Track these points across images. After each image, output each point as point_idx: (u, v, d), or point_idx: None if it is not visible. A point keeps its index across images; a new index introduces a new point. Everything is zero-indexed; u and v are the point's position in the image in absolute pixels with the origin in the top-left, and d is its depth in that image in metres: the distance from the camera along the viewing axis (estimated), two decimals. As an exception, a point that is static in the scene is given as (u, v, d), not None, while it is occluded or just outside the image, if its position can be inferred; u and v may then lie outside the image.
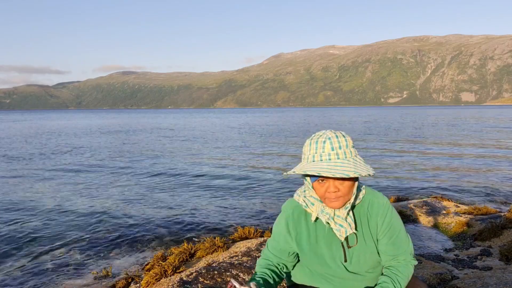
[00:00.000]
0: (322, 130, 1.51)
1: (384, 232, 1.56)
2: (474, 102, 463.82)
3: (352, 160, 1.43)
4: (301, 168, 1.45)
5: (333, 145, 1.42)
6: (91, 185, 8.79)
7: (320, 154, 1.43)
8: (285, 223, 1.63)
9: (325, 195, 1.48)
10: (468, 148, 15.28)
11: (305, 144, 1.50)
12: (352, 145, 1.47)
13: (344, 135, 1.46)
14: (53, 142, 20.73)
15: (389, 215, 1.57)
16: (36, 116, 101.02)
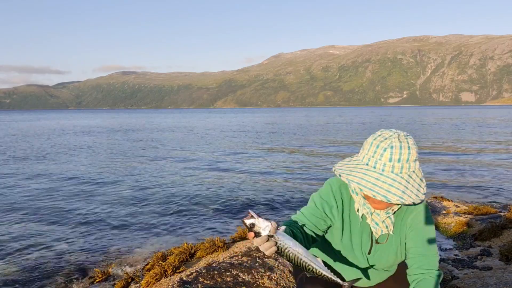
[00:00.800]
0: (390, 130, 1.41)
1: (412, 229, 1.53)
2: (474, 102, 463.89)
3: (406, 177, 1.35)
4: (348, 174, 1.39)
5: (393, 156, 1.34)
6: (91, 185, 8.78)
7: (376, 161, 1.36)
8: (332, 194, 1.59)
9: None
10: (468, 148, 15.27)
11: (368, 139, 1.43)
12: (415, 158, 1.37)
13: (409, 146, 1.35)
14: (52, 142, 20.74)
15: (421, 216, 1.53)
16: (35, 116, 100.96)
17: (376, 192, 1.31)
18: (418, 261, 1.49)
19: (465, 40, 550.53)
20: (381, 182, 1.33)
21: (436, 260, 1.50)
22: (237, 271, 2.73)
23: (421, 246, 1.51)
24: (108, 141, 21.62)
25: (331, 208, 1.57)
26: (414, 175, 1.37)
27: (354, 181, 1.35)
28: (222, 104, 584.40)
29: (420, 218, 1.53)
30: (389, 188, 1.32)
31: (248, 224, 1.21)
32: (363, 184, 1.33)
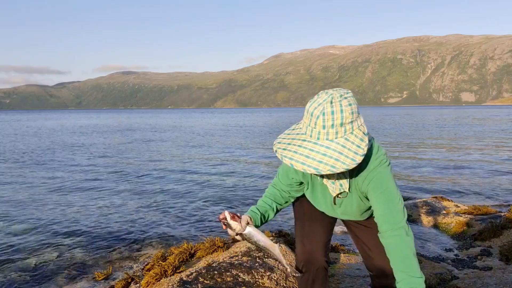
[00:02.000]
0: (326, 93, 1.39)
1: (374, 195, 1.53)
2: (474, 102, 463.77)
3: (342, 142, 1.34)
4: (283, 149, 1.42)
5: (326, 123, 1.33)
6: (90, 185, 8.78)
7: (311, 129, 1.37)
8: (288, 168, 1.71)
9: None
10: (468, 148, 15.27)
11: (308, 102, 1.42)
12: (351, 119, 1.35)
13: (342, 109, 1.33)
14: (51, 141, 20.74)
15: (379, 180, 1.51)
16: (35, 116, 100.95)
17: (307, 165, 1.33)
18: (382, 221, 1.52)
19: (465, 40, 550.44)
20: (314, 153, 1.34)
21: (400, 216, 1.50)
22: (237, 271, 2.74)
23: (383, 206, 1.51)
24: (108, 140, 21.63)
25: (295, 171, 1.69)
26: (353, 136, 1.35)
27: (287, 157, 1.38)
28: (222, 104, 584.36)
29: (376, 179, 1.51)
30: (322, 158, 1.33)
31: (222, 223, 1.62)
32: (295, 159, 1.36)
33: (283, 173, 1.76)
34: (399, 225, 1.49)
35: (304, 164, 1.33)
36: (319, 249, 1.82)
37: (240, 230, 1.58)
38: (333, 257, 3.47)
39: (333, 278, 3.00)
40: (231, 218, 1.58)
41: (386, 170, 1.53)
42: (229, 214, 1.59)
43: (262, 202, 1.80)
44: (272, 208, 1.79)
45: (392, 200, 1.51)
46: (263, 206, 1.78)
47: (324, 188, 1.68)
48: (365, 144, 1.36)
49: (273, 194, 1.81)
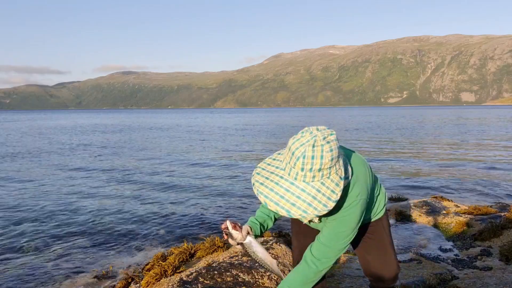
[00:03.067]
0: (310, 133, 1.38)
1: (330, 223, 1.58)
2: (474, 102, 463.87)
3: (318, 186, 1.36)
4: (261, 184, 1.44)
5: (305, 166, 1.34)
6: (89, 185, 8.78)
7: (290, 168, 1.38)
8: None
9: None
10: (468, 148, 15.28)
11: (289, 140, 1.42)
12: (330, 165, 1.36)
13: (322, 155, 1.34)
14: (50, 140, 20.74)
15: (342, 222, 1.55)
16: (35, 116, 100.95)
17: (281, 207, 1.36)
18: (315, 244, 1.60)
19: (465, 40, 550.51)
20: (289, 194, 1.36)
21: (329, 254, 1.55)
22: (237, 271, 2.75)
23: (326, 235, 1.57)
24: (108, 139, 21.63)
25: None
26: (329, 181, 1.37)
27: (262, 194, 1.40)
28: (222, 104, 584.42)
29: (340, 220, 1.55)
30: (295, 201, 1.35)
31: (224, 233, 1.68)
32: (270, 197, 1.38)
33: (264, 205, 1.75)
34: (320, 259, 1.55)
35: (277, 204, 1.36)
36: None
37: (241, 239, 1.65)
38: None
39: (333, 278, 2.99)
40: (232, 227, 1.64)
41: (355, 211, 1.54)
42: (231, 224, 1.64)
43: (260, 212, 1.85)
44: (270, 218, 1.84)
45: (335, 239, 1.55)
46: (261, 216, 1.83)
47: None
48: (339, 189, 1.38)
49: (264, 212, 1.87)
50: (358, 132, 25.74)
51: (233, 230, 1.64)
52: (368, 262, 1.86)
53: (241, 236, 1.64)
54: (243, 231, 1.66)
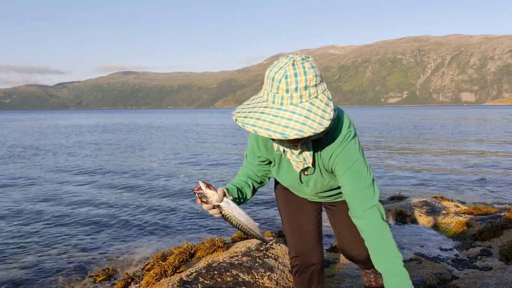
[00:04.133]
0: (286, 57, 1.29)
1: (341, 172, 1.47)
2: (474, 102, 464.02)
3: (308, 106, 1.25)
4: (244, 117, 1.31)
5: (289, 87, 1.23)
6: (89, 185, 8.78)
7: (274, 95, 1.27)
8: (254, 137, 1.64)
9: None
10: (468, 148, 15.28)
11: (265, 73, 1.31)
12: (315, 82, 1.26)
13: (305, 71, 1.24)
14: (49, 140, 20.73)
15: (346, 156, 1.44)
16: (34, 116, 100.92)
17: (273, 131, 1.23)
18: (352, 201, 1.47)
19: (465, 40, 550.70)
20: (279, 118, 1.25)
21: (370, 194, 1.45)
22: (237, 271, 2.74)
23: (352, 185, 1.45)
24: (109, 138, 21.62)
25: (259, 149, 1.63)
26: (318, 101, 1.27)
27: (249, 124, 1.28)
28: (222, 104, 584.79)
29: (343, 155, 1.44)
30: (287, 123, 1.23)
31: (197, 195, 1.44)
32: (259, 125, 1.25)
33: (251, 153, 1.69)
34: (370, 204, 1.44)
35: (268, 130, 1.24)
36: (314, 249, 1.79)
37: (218, 200, 1.44)
38: (333, 257, 3.45)
39: (333, 278, 2.98)
40: (206, 187, 1.44)
41: (353, 143, 1.46)
42: (204, 184, 1.45)
43: (236, 180, 1.72)
44: (248, 185, 1.69)
45: (361, 177, 1.45)
46: (238, 182, 1.69)
47: (289, 166, 1.61)
48: (330, 109, 1.28)
49: (245, 174, 1.73)
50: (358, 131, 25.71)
51: (207, 190, 1.44)
52: (341, 236, 1.85)
53: (217, 196, 1.44)
54: (219, 192, 1.46)
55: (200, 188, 1.43)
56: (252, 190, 1.70)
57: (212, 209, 1.45)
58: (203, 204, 1.44)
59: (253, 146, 1.65)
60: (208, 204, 1.43)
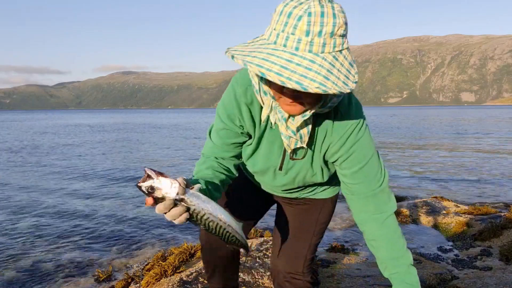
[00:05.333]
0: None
1: (352, 169, 1.19)
2: (474, 102, 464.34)
3: (330, 59, 0.92)
4: (246, 55, 0.96)
5: (311, 28, 0.90)
6: (88, 185, 8.78)
7: (287, 36, 0.92)
8: (236, 101, 1.19)
9: (279, 95, 1.04)
10: (469, 148, 15.28)
11: (277, 7, 0.97)
12: (343, 32, 0.94)
13: (334, 13, 0.91)
14: (49, 140, 20.73)
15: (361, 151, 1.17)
16: (34, 116, 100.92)
17: (286, 77, 0.88)
18: (362, 205, 1.21)
19: (465, 40, 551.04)
20: (294, 64, 0.90)
21: (384, 198, 1.20)
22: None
23: (364, 182, 1.18)
24: (109, 138, 21.60)
25: (242, 117, 1.21)
26: (342, 57, 0.95)
27: (253, 63, 0.92)
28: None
29: (359, 150, 1.16)
30: (305, 72, 0.89)
31: (145, 189, 0.89)
32: (267, 66, 0.90)
33: (224, 126, 1.22)
34: (386, 213, 1.21)
35: (280, 75, 0.88)
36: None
37: (180, 192, 0.90)
38: (333, 257, 3.43)
39: (333, 279, 2.96)
40: (157, 175, 0.89)
41: (369, 135, 1.20)
42: (154, 171, 0.90)
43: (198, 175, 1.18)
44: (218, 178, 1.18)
45: (375, 178, 1.20)
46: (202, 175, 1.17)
47: (271, 146, 1.24)
48: (355, 71, 0.96)
49: (209, 166, 1.20)
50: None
51: (161, 178, 0.89)
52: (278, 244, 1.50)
53: (178, 185, 0.90)
54: (179, 180, 0.92)
55: (148, 177, 0.89)
56: (222, 187, 1.19)
57: (174, 208, 0.91)
58: (158, 205, 0.91)
59: (233, 114, 1.20)
60: (166, 201, 0.90)
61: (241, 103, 1.17)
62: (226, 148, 1.22)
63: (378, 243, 1.23)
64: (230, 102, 1.19)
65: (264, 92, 1.10)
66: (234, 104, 1.18)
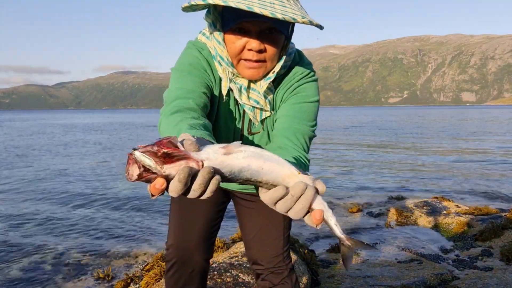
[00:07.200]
0: None
1: (291, 102, 1.10)
2: (474, 102, 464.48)
3: (293, 2, 0.93)
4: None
5: None
6: (90, 185, 8.78)
7: None
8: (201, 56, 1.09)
9: (241, 55, 0.99)
10: (469, 148, 15.27)
11: None
12: None
13: None
14: (49, 139, 20.72)
15: (308, 91, 1.11)
16: (34, 116, 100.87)
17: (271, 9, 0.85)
18: (282, 136, 1.05)
19: (465, 39, 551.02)
20: (267, 2, 0.88)
21: (306, 146, 1.06)
22: (237, 272, 2.73)
23: (297, 118, 1.08)
24: (109, 137, 21.60)
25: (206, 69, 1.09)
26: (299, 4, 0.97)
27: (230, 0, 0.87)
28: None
29: (307, 89, 1.11)
30: (283, 8, 0.88)
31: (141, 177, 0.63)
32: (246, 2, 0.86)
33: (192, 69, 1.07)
34: (303, 150, 1.05)
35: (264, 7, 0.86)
36: (198, 246, 1.37)
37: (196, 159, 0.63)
38: (333, 257, 3.40)
39: (333, 279, 2.95)
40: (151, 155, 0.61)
41: (316, 85, 1.16)
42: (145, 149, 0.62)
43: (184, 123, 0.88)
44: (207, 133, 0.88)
45: (309, 120, 1.10)
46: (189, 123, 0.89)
47: (228, 113, 1.14)
48: (309, 18, 0.93)
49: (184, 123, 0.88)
50: (358, 131, 25.74)
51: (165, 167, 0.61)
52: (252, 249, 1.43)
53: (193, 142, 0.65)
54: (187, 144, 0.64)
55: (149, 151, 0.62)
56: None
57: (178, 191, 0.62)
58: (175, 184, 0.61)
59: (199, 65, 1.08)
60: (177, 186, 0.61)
61: (209, 59, 1.09)
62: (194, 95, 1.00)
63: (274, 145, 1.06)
64: (194, 57, 1.09)
65: (222, 58, 1.02)
66: (200, 57, 1.08)
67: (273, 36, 0.95)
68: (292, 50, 1.06)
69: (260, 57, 0.97)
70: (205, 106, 1.01)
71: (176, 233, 1.36)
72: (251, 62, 0.98)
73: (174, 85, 1.03)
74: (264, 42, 0.95)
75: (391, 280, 2.92)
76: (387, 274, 3.04)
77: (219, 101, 1.11)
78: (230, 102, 1.11)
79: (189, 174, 0.60)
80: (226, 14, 0.97)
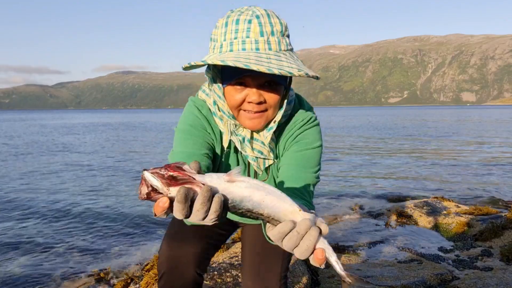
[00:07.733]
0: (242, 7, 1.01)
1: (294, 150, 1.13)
2: (474, 102, 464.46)
3: (289, 54, 0.97)
4: (214, 58, 0.92)
5: (263, 28, 0.93)
6: (87, 184, 8.76)
7: (242, 40, 0.93)
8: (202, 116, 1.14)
9: (241, 106, 1.03)
10: (469, 148, 15.26)
11: (216, 25, 0.99)
12: (288, 33, 1.01)
13: (276, 15, 1.00)
14: (51, 139, 20.70)
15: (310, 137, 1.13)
16: (34, 116, 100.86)
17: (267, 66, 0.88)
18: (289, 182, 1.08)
19: (465, 39, 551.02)
20: (264, 58, 0.91)
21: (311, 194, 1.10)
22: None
23: (300, 166, 1.10)
24: (109, 137, 21.58)
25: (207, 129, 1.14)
26: (294, 54, 1.01)
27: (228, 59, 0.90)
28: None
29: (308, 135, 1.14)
30: (279, 63, 0.91)
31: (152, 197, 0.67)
32: (244, 60, 0.89)
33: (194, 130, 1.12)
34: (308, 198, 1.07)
35: (260, 65, 0.88)
36: (190, 260, 1.38)
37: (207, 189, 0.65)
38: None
39: (333, 279, 2.96)
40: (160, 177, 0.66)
41: (318, 129, 1.19)
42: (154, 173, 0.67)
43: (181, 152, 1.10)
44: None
45: (312, 168, 1.13)
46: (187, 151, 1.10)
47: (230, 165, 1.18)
48: (305, 70, 0.96)
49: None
50: (357, 131, 25.73)
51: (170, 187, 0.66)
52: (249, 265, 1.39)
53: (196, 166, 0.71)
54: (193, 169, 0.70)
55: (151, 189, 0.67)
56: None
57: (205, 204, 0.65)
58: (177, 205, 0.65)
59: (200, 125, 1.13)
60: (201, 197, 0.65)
61: (208, 117, 1.13)
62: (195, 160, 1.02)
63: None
64: (194, 116, 1.13)
65: (223, 112, 1.06)
66: (200, 116, 1.13)
67: (272, 88, 0.99)
68: (292, 97, 1.09)
69: (260, 108, 1.00)
70: (207, 168, 1.04)
71: (170, 243, 1.36)
72: (251, 113, 1.01)
73: (177, 148, 1.10)
74: (264, 93, 0.99)
75: (391, 280, 2.92)
76: (387, 274, 3.04)
77: (222, 154, 1.14)
78: (233, 153, 1.14)
79: (186, 194, 0.62)
80: (226, 70, 1.00)
